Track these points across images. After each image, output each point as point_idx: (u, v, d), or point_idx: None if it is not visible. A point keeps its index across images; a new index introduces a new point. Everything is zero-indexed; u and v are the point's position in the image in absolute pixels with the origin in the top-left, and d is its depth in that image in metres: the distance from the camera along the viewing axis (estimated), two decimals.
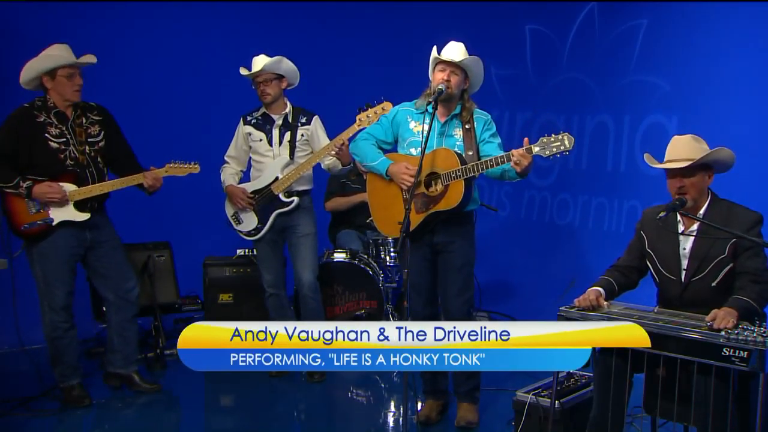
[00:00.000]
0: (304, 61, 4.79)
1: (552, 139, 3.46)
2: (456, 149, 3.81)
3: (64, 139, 4.09)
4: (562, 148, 3.44)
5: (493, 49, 4.24)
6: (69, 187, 4.09)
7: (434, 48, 3.89)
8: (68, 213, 4.10)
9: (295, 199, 4.66)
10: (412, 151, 3.88)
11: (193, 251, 5.67)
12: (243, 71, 4.61)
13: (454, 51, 3.82)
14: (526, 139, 3.56)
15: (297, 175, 4.62)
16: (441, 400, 4.16)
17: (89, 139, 4.18)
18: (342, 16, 6.65)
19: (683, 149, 3.20)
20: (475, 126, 3.86)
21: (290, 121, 4.70)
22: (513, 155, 3.54)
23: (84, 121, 4.18)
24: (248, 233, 4.73)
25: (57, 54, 4.04)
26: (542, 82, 6.24)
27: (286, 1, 6.52)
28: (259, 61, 4.58)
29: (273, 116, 4.69)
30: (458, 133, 3.86)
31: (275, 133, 4.68)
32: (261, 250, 4.79)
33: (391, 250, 5.58)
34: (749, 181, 4.07)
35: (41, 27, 5.49)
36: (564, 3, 6.10)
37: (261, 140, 4.68)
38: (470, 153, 3.77)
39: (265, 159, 4.69)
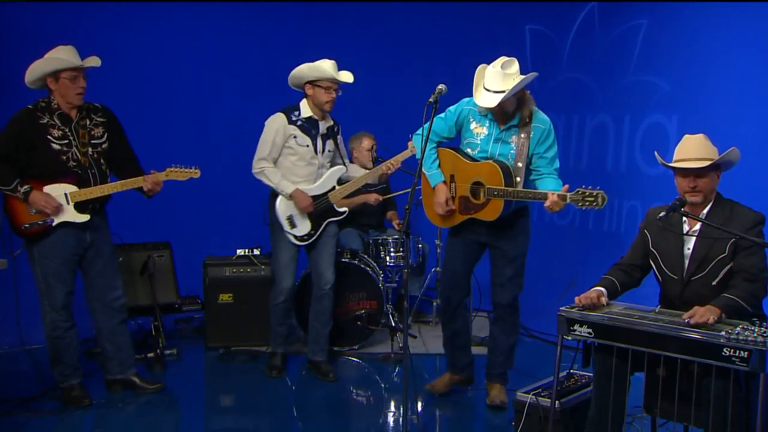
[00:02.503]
0: (304, 61, 4.78)
1: (587, 194, 3.54)
2: (509, 158, 3.95)
3: (67, 141, 4.09)
4: (595, 205, 3.52)
5: (493, 49, 4.24)
6: (70, 188, 4.09)
7: (483, 71, 3.92)
8: (68, 214, 4.09)
9: (347, 210, 4.82)
10: (469, 151, 4.06)
11: (193, 251, 5.67)
12: (344, 78, 4.59)
13: (500, 82, 3.82)
14: (566, 186, 3.70)
15: (355, 187, 4.76)
16: (457, 376, 4.36)
17: (92, 141, 4.18)
18: (342, 17, 6.64)
19: (698, 149, 3.21)
20: (532, 136, 3.94)
21: (330, 130, 4.75)
22: (548, 198, 3.66)
23: (88, 122, 4.18)
24: (301, 238, 4.69)
25: (61, 57, 4.03)
26: (542, 82, 6.20)
27: (287, 2, 6.52)
28: (349, 74, 4.61)
29: (320, 123, 4.66)
30: (514, 140, 3.97)
31: (319, 141, 4.67)
32: (288, 255, 4.73)
33: (391, 250, 5.59)
34: (750, 180, 4.07)
35: (42, 27, 5.49)
36: (564, 3, 6.10)
37: (308, 146, 4.63)
38: (519, 165, 3.92)
39: (308, 166, 4.66)
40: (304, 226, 4.69)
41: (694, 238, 3.24)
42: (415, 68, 6.53)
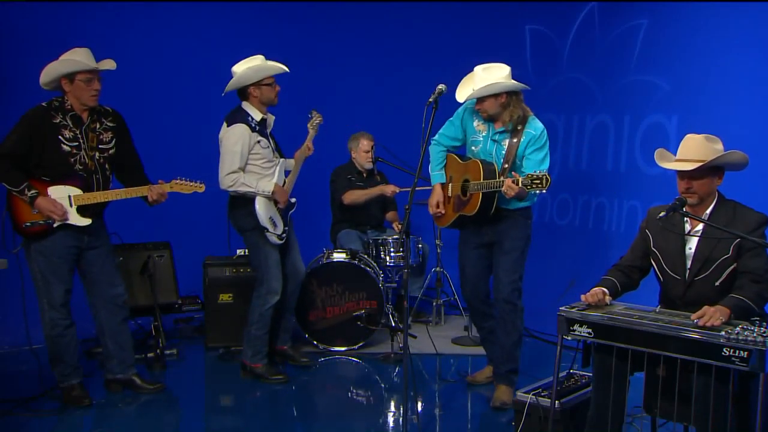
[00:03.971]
0: (305, 62, 4.78)
1: (534, 177, 3.74)
2: (498, 158, 4.13)
3: (77, 143, 4.10)
4: (540, 186, 3.73)
5: (493, 49, 4.26)
6: (74, 191, 4.09)
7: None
8: (70, 217, 4.09)
9: (295, 198, 4.78)
10: (473, 149, 4.26)
11: (193, 251, 5.67)
12: (280, 69, 4.58)
13: (467, 90, 4.10)
14: (515, 173, 3.91)
15: (294, 178, 4.75)
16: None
17: (100, 146, 4.19)
18: (342, 17, 6.65)
19: (694, 150, 3.19)
20: (522, 140, 4.10)
21: (272, 125, 4.76)
22: (504, 184, 3.87)
23: (98, 126, 4.19)
24: (279, 236, 4.67)
25: (77, 59, 4.05)
26: (542, 82, 6.23)
27: (289, 2, 6.52)
28: (280, 64, 4.60)
29: (268, 121, 4.70)
30: (506, 143, 4.15)
31: (270, 139, 4.70)
32: (276, 254, 4.67)
33: (391, 250, 5.59)
34: (750, 180, 4.06)
35: (43, 27, 5.50)
36: (564, 3, 6.10)
37: (268, 147, 4.66)
38: (506, 166, 4.10)
39: (273, 165, 4.69)
40: (280, 224, 4.69)
41: (696, 238, 3.23)
42: (415, 68, 6.53)
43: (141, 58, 6.01)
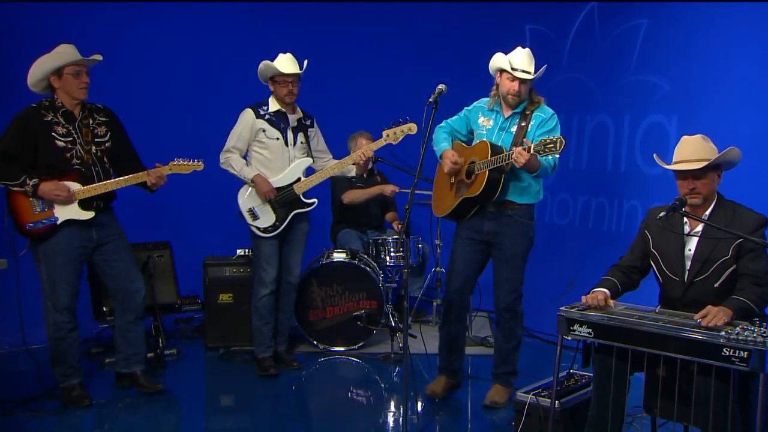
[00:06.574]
0: (305, 60, 4.78)
1: (548, 141, 3.71)
2: (506, 145, 4.05)
3: (71, 138, 4.10)
4: (554, 150, 3.70)
5: (493, 49, 4.27)
6: (74, 185, 4.09)
7: (502, 56, 4.13)
8: (72, 212, 4.09)
9: (315, 201, 4.78)
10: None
11: (193, 251, 5.67)
12: (287, 69, 4.58)
13: (527, 63, 4.08)
14: (526, 140, 3.87)
15: (322, 178, 4.75)
16: (453, 380, 4.38)
17: (96, 139, 4.19)
18: (342, 17, 6.65)
19: (694, 150, 3.19)
20: (532, 123, 4.06)
21: (301, 122, 4.78)
22: (512, 152, 3.81)
23: (91, 122, 4.20)
24: (265, 229, 4.69)
25: (63, 52, 4.06)
26: (542, 82, 6.19)
27: (288, 1, 6.52)
28: (292, 64, 4.64)
29: (289, 116, 4.72)
30: (515, 129, 4.10)
31: (290, 133, 4.71)
32: (269, 247, 4.73)
33: (391, 250, 5.59)
34: (750, 180, 4.06)
35: (42, 27, 5.49)
36: (564, 3, 6.10)
37: (278, 139, 4.68)
38: (514, 148, 3.98)
39: (279, 158, 4.70)
40: (267, 218, 4.69)
41: (695, 239, 3.23)
42: (415, 68, 6.53)
43: (140, 56, 6.02)
